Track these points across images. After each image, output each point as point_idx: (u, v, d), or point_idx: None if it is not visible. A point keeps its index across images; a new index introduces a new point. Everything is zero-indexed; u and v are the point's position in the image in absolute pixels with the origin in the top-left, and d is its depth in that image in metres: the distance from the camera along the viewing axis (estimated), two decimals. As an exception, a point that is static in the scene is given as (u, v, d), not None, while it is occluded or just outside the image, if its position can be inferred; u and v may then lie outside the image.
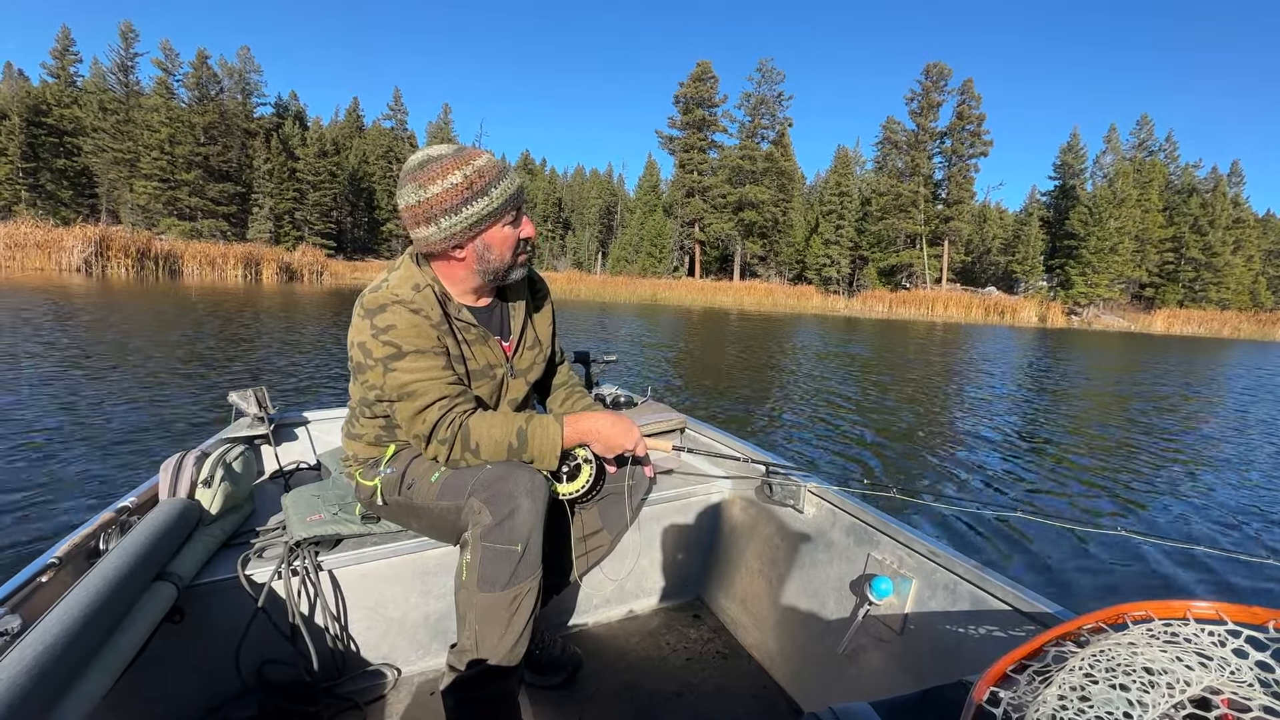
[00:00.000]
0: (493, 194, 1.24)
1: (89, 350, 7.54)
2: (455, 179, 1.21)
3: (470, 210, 1.23)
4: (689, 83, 53.22)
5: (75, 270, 25.46)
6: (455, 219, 1.23)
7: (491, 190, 1.24)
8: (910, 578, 1.35)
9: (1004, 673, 0.76)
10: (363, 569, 1.48)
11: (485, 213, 1.25)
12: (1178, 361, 17.48)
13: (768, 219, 52.30)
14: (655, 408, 2.34)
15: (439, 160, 1.23)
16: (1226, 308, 45.99)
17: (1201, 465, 5.65)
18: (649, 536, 1.93)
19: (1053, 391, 10.05)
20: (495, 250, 1.30)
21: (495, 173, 1.25)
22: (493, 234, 1.29)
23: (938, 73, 48.01)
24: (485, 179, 1.23)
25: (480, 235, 1.28)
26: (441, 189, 1.22)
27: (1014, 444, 5.97)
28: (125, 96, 46.51)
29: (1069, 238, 46.61)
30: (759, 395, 7.72)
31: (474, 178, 1.22)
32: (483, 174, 1.23)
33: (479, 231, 1.27)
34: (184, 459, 1.49)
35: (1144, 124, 52.09)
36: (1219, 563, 3.30)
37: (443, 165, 1.22)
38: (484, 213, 1.25)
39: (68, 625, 0.93)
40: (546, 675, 1.60)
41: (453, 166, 1.22)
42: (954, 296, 42.08)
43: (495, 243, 1.30)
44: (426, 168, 1.23)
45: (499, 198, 1.25)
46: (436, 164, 1.22)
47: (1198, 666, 0.64)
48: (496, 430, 1.27)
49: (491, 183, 1.24)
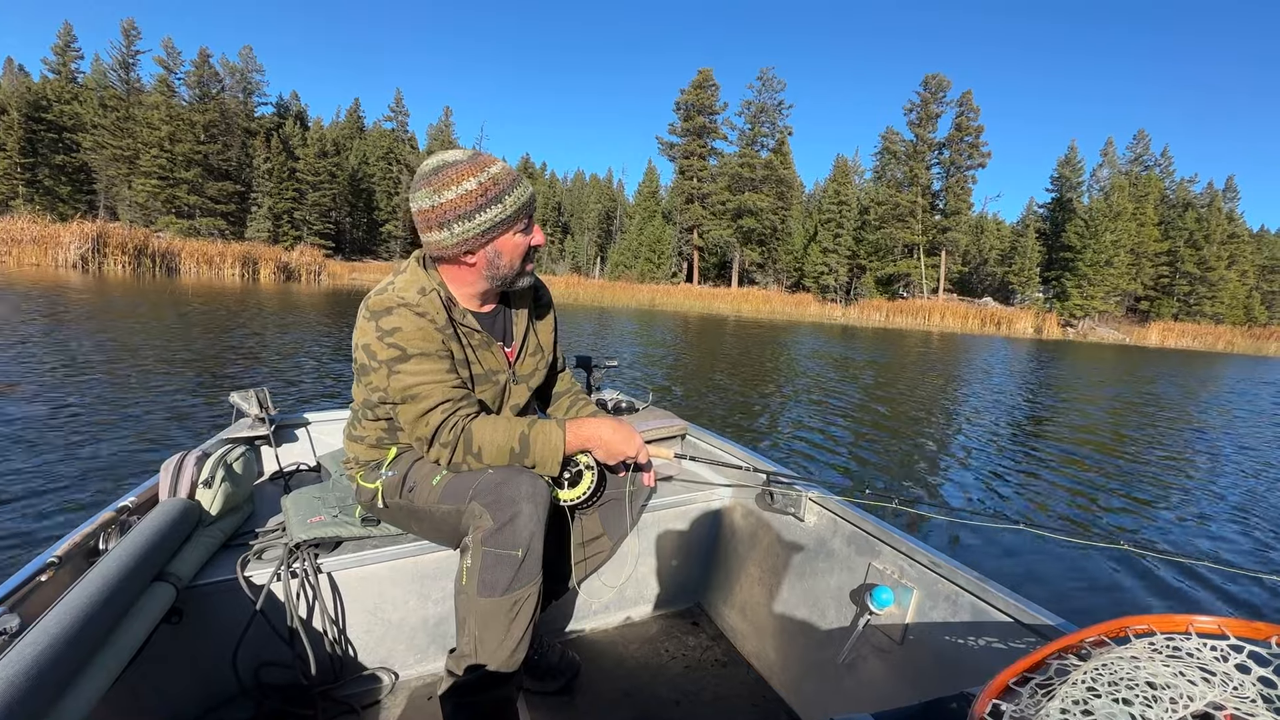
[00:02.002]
0: (506, 201, 1.25)
1: (87, 347, 7.50)
2: (470, 185, 1.22)
3: (484, 217, 1.24)
4: (690, 90, 53.44)
5: (72, 266, 25.34)
6: (469, 225, 1.24)
7: (505, 198, 1.25)
8: (911, 588, 1.35)
9: (1006, 685, 0.76)
10: (362, 572, 1.47)
11: (499, 219, 1.25)
12: (1175, 375, 17.56)
13: (766, 226, 52.47)
14: (657, 414, 2.34)
15: (454, 166, 1.23)
16: (1220, 322, 46.27)
17: (1204, 479, 5.67)
18: (649, 543, 1.93)
19: (1052, 403, 10.08)
20: (506, 257, 1.31)
21: (510, 180, 1.26)
22: (504, 241, 1.29)
23: (936, 84, 48.30)
24: (500, 186, 1.24)
25: (492, 242, 1.28)
26: (456, 194, 1.22)
27: (1014, 455, 5.99)
28: (126, 93, 46.53)
29: (1065, 250, 46.86)
30: (757, 402, 7.72)
31: (489, 184, 1.23)
32: (497, 181, 1.24)
33: (492, 238, 1.27)
34: (184, 459, 1.48)
35: (1140, 138, 52.49)
36: (1223, 577, 3.31)
37: (458, 171, 1.23)
38: (497, 219, 1.25)
39: (66, 625, 0.92)
40: (545, 681, 1.59)
41: (468, 173, 1.22)
42: (951, 306, 42.18)
43: (506, 250, 1.30)
44: (441, 173, 1.23)
45: (512, 205, 1.26)
46: (452, 169, 1.23)
47: (1200, 682, 0.64)
48: (499, 435, 1.27)
49: (506, 190, 1.25)
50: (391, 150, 58.71)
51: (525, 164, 71.81)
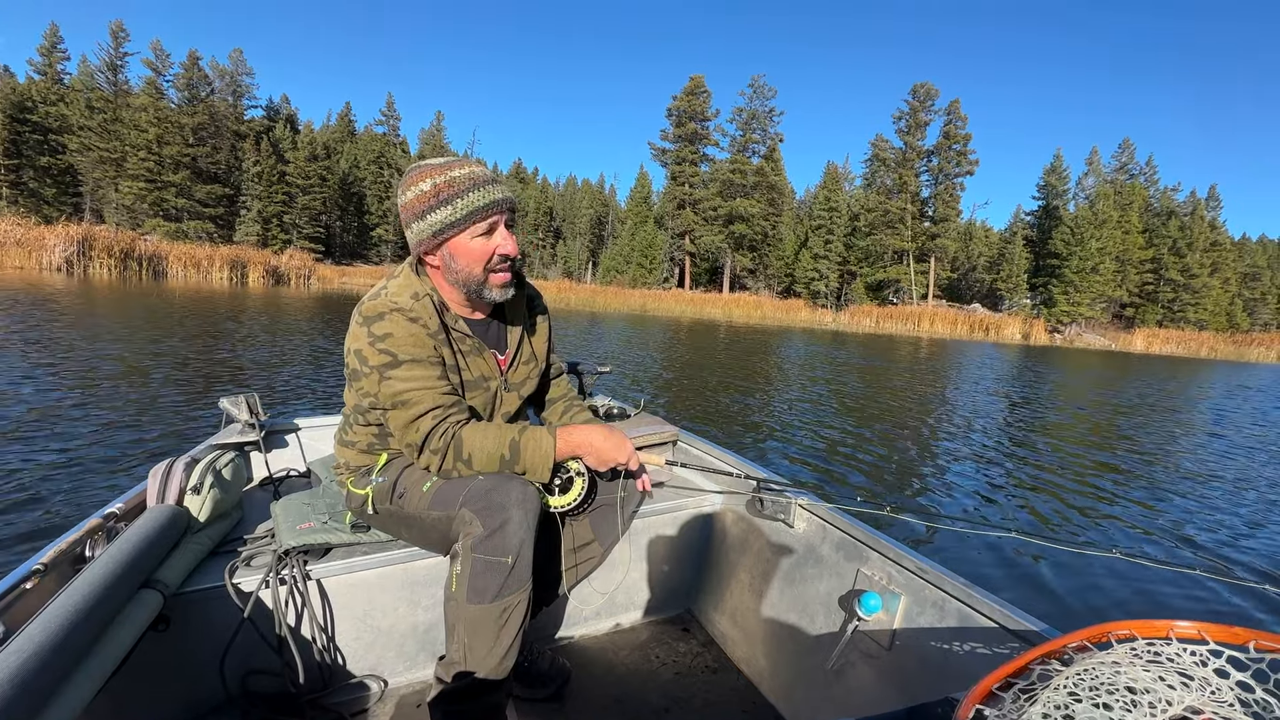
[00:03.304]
0: (457, 204, 1.26)
1: (72, 351, 7.41)
2: (424, 186, 1.26)
3: (434, 218, 1.27)
4: (682, 96, 53.69)
5: (56, 269, 25.06)
6: (421, 225, 1.28)
7: (458, 200, 1.26)
8: (899, 594, 1.36)
9: (989, 690, 0.77)
10: (351, 579, 1.47)
11: (447, 221, 1.27)
12: (1161, 380, 17.77)
13: (758, 232, 52.75)
14: (648, 420, 2.35)
15: (422, 167, 1.29)
16: (1204, 328, 46.96)
17: (1190, 485, 5.73)
18: (640, 549, 1.93)
19: (1041, 410, 10.17)
20: (460, 260, 1.31)
21: (469, 184, 1.26)
22: (458, 244, 1.29)
23: (925, 93, 48.79)
24: (455, 189, 1.25)
25: (445, 243, 1.30)
26: (414, 195, 1.27)
27: (1003, 461, 6.03)
28: (113, 95, 46.06)
29: (1052, 257, 47.38)
30: (748, 408, 7.74)
31: (442, 186, 1.25)
32: (453, 184, 1.26)
33: (443, 239, 1.29)
34: (173, 465, 1.47)
35: (1125, 147, 53.32)
36: (1206, 583, 3.34)
37: (420, 173, 1.27)
38: (446, 221, 1.27)
39: (51, 633, 0.92)
40: (535, 688, 1.59)
41: (428, 174, 1.26)
42: (940, 312, 42.51)
43: (460, 253, 1.30)
44: (410, 174, 1.29)
45: (464, 208, 1.26)
46: (418, 171, 1.28)
47: (1179, 686, 0.65)
48: (489, 441, 1.28)
49: (460, 193, 1.25)
50: (382, 154, 58.48)
51: (518, 169, 71.80)
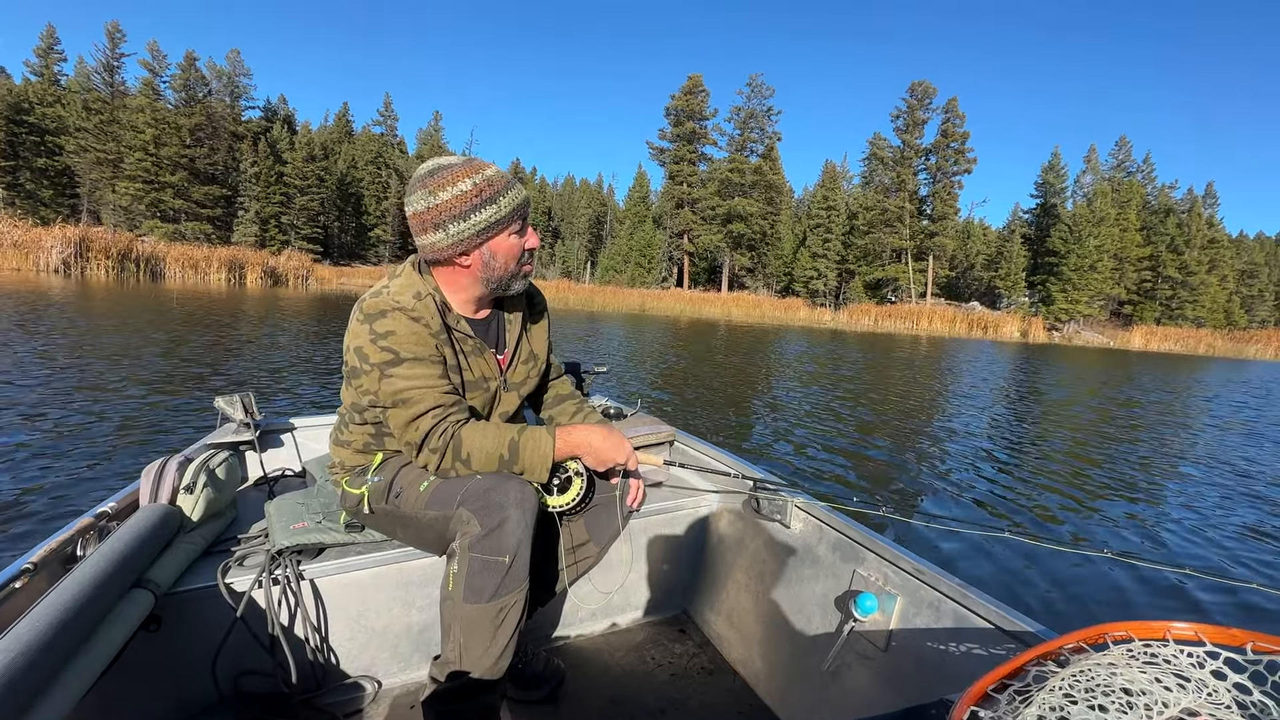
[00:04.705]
0: (500, 202, 1.27)
1: (68, 352, 7.40)
2: (465, 186, 1.24)
3: (479, 217, 1.26)
4: (680, 95, 53.69)
5: (54, 271, 25.01)
6: (463, 225, 1.26)
7: (500, 199, 1.27)
8: (895, 595, 1.35)
9: (985, 692, 0.76)
10: (345, 578, 1.46)
11: (493, 220, 1.27)
12: (1159, 378, 17.78)
13: (756, 231, 52.76)
14: (646, 420, 2.34)
15: (450, 168, 1.26)
16: (1202, 325, 47.03)
17: (1186, 485, 5.74)
18: (636, 549, 1.93)
19: (1039, 409, 10.18)
20: (500, 259, 1.32)
21: (504, 183, 1.28)
22: (499, 242, 1.31)
23: (922, 91, 48.83)
24: (495, 187, 1.26)
25: (487, 242, 1.30)
26: (452, 195, 1.25)
27: (1001, 462, 6.03)
28: (110, 96, 45.97)
29: (1050, 255, 47.46)
30: (745, 408, 7.74)
31: (483, 185, 1.25)
32: (492, 183, 1.26)
33: (486, 238, 1.29)
34: (166, 464, 1.46)
35: (1123, 145, 53.38)
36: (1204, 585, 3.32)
37: (453, 173, 1.25)
38: (492, 220, 1.27)
39: (41, 632, 0.91)
40: (529, 689, 1.58)
41: (464, 174, 1.25)
42: (938, 311, 42.54)
43: (501, 251, 1.32)
44: (437, 175, 1.26)
45: (506, 206, 1.28)
46: (448, 171, 1.26)
47: (1176, 688, 0.65)
48: (488, 441, 1.27)
49: (500, 191, 1.27)
50: (380, 155, 58.40)
51: (516, 168, 71.74)
